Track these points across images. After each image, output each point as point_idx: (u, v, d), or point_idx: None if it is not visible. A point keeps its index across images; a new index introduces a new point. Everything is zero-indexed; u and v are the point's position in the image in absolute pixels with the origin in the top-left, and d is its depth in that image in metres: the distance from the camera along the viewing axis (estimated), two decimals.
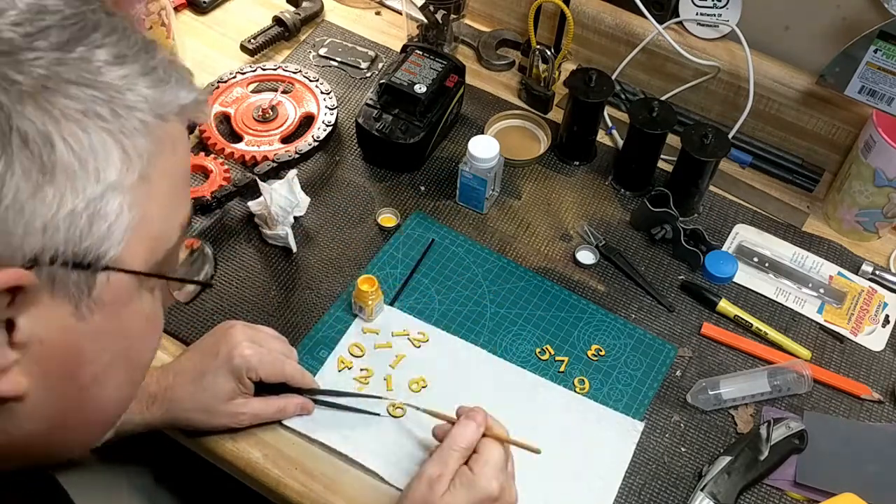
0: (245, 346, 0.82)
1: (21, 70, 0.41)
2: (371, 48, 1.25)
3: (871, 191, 1.02)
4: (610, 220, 1.08)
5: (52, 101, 0.42)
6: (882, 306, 1.01)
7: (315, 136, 1.10)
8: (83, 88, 0.43)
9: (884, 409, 0.92)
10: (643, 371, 0.93)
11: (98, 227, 0.44)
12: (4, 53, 0.41)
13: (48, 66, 0.42)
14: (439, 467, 0.73)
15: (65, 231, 0.42)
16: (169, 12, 1.14)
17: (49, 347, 0.45)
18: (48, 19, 0.43)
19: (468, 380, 0.91)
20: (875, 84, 0.97)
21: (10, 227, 0.41)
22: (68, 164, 0.42)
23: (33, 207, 0.41)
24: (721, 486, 0.83)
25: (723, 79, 1.12)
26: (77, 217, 0.43)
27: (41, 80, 0.41)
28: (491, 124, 1.16)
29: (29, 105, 0.41)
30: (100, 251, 0.44)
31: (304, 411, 0.86)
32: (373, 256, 1.01)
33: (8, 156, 0.40)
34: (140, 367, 0.54)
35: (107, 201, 0.44)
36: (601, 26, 1.18)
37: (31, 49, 0.42)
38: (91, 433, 0.54)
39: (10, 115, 0.40)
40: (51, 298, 0.44)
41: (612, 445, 0.88)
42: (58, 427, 0.49)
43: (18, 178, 0.40)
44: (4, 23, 0.42)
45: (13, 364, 0.44)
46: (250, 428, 0.85)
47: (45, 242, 0.42)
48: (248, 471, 0.84)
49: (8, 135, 0.40)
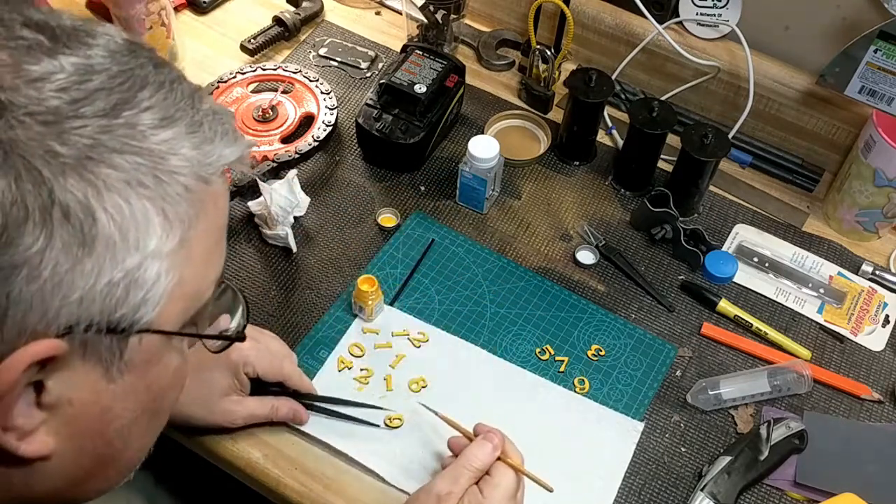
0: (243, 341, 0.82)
1: (65, 141, 0.40)
2: (371, 48, 1.25)
3: (871, 191, 1.02)
4: (610, 220, 1.08)
5: (95, 171, 0.41)
6: (882, 306, 1.01)
7: (315, 136, 1.10)
8: (127, 157, 0.42)
9: (884, 409, 0.92)
10: (643, 371, 0.93)
11: (135, 295, 0.43)
12: (49, 123, 0.40)
13: (93, 134, 0.41)
14: (450, 485, 0.72)
15: (101, 302, 0.42)
16: (169, 12, 1.14)
17: (78, 408, 0.44)
18: (95, 80, 0.42)
19: (468, 380, 0.91)
20: (875, 84, 0.97)
21: (47, 300, 0.40)
22: (109, 236, 0.41)
23: (72, 280, 0.40)
24: (721, 486, 0.83)
25: (723, 79, 1.12)
26: (115, 287, 0.42)
27: (85, 151, 0.41)
28: (491, 124, 1.16)
29: (71, 178, 0.40)
30: (134, 317, 0.44)
31: (296, 418, 0.85)
32: (373, 256, 1.01)
33: (48, 230, 0.39)
34: (163, 415, 0.53)
35: (145, 269, 0.43)
36: (601, 26, 1.18)
37: (77, 117, 0.41)
38: (111, 481, 0.53)
39: (52, 189, 0.39)
40: (82, 363, 0.43)
41: (612, 445, 0.88)
42: (79, 481, 0.49)
43: (58, 252, 0.40)
44: (51, 88, 0.41)
45: (40, 425, 0.44)
46: (250, 428, 0.85)
47: (80, 314, 0.41)
48: (248, 471, 0.84)
49: (49, 209, 0.39)
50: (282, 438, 0.86)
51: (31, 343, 0.40)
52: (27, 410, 0.43)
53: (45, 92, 0.41)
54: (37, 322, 0.40)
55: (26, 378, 0.41)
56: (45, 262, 0.40)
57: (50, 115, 0.40)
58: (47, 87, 0.41)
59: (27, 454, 0.43)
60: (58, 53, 0.42)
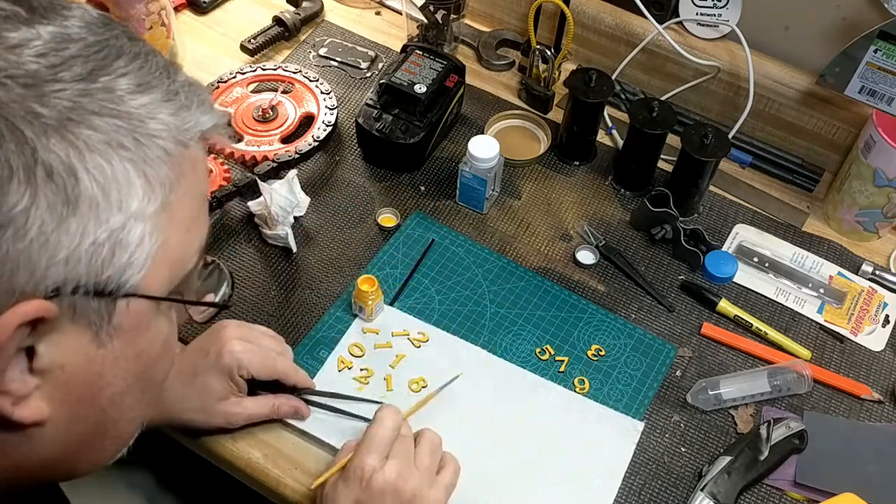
0: (234, 343, 0.82)
1: (45, 103, 0.41)
2: (371, 48, 1.25)
3: (871, 191, 1.02)
4: (610, 220, 1.08)
5: (76, 132, 0.42)
6: (882, 306, 1.01)
7: (315, 136, 1.10)
8: (106, 119, 0.43)
9: (884, 409, 0.92)
10: (643, 371, 0.93)
11: (120, 257, 0.44)
12: (29, 86, 0.41)
13: (72, 97, 0.42)
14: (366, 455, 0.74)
15: (87, 262, 0.42)
16: (169, 12, 1.14)
17: (69, 373, 0.45)
18: (72, 48, 0.43)
19: (468, 379, 0.91)
20: (875, 84, 0.97)
21: (34, 259, 0.41)
22: (92, 196, 0.42)
23: (57, 240, 0.41)
24: (721, 486, 0.83)
25: (723, 79, 1.12)
26: (100, 247, 0.43)
27: (66, 113, 0.42)
28: (491, 124, 1.16)
29: (53, 138, 0.41)
30: (121, 280, 0.44)
31: (298, 415, 0.85)
32: (373, 256, 1.01)
33: (33, 189, 0.40)
34: (155, 387, 0.54)
35: (129, 230, 0.44)
36: (601, 26, 1.18)
37: (56, 80, 0.42)
38: (106, 452, 0.54)
39: (35, 148, 0.40)
40: (71, 326, 0.44)
41: (612, 445, 0.88)
42: (74, 449, 0.50)
43: (43, 210, 0.41)
44: (29, 54, 0.42)
45: (34, 390, 0.44)
46: (250, 428, 0.85)
47: (67, 273, 0.42)
48: (248, 471, 0.84)
49: (33, 168, 0.40)
50: (282, 438, 0.86)
51: (21, 303, 0.41)
52: (20, 376, 0.43)
53: (24, 56, 0.42)
54: (25, 282, 0.41)
55: (17, 340, 0.42)
56: (31, 221, 0.40)
57: (29, 78, 0.41)
58: (26, 53, 0.42)
59: (22, 419, 0.44)
60: (35, 23, 0.43)
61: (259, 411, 0.84)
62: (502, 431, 0.87)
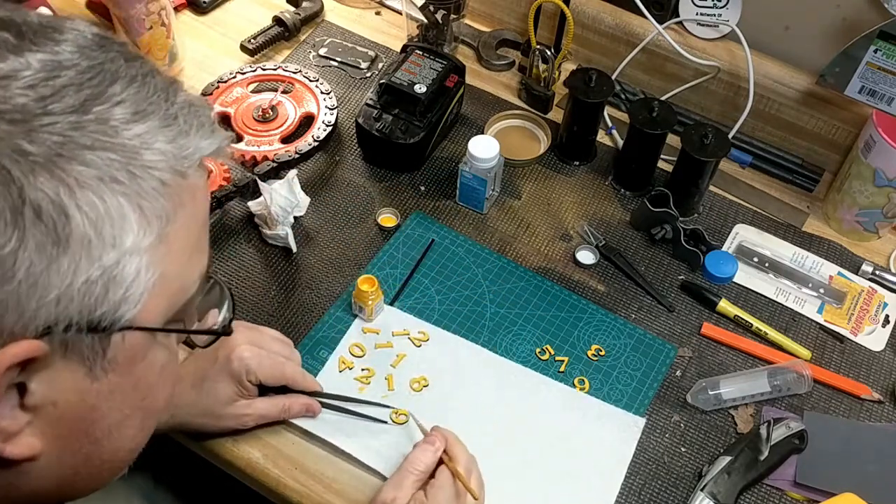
0: (243, 348, 0.81)
1: (34, 139, 0.39)
2: (371, 48, 1.25)
3: (871, 191, 1.02)
4: (610, 220, 1.08)
5: (66, 168, 0.40)
6: (882, 306, 1.01)
7: (315, 136, 1.10)
8: (99, 153, 0.41)
9: (884, 409, 0.92)
10: (643, 371, 0.93)
11: (114, 293, 0.42)
12: (17, 122, 0.39)
13: (63, 131, 0.40)
14: (394, 490, 0.74)
15: (80, 300, 0.41)
16: (169, 12, 1.14)
17: (62, 409, 0.44)
18: (63, 76, 0.42)
19: (469, 378, 0.91)
20: (875, 84, 0.97)
21: (23, 301, 0.40)
22: (83, 234, 0.40)
23: (47, 280, 0.40)
24: (721, 486, 0.83)
25: (723, 79, 1.12)
26: (93, 285, 0.41)
27: (56, 149, 0.40)
28: (491, 124, 1.16)
29: (42, 176, 0.39)
30: (116, 315, 0.43)
31: (309, 412, 0.85)
32: (373, 256, 1.01)
33: (20, 231, 0.39)
34: (154, 414, 0.52)
35: (123, 266, 0.42)
36: (601, 26, 1.18)
37: (46, 114, 0.40)
38: (101, 480, 0.52)
39: (22, 187, 0.39)
40: (64, 362, 0.43)
41: (613, 443, 0.88)
42: (70, 480, 0.49)
43: (31, 252, 0.39)
44: (18, 86, 0.40)
45: (25, 426, 0.43)
46: (253, 428, 0.85)
47: (58, 313, 0.41)
48: (248, 471, 0.84)
49: (20, 209, 0.39)
50: (282, 438, 0.86)
51: (10, 345, 0.40)
52: (11, 413, 0.42)
53: (11, 90, 0.40)
54: (13, 324, 0.40)
55: (7, 380, 0.41)
56: (19, 263, 0.39)
57: (17, 113, 0.40)
58: (14, 85, 0.40)
59: (13, 456, 0.43)
60: (24, 50, 0.41)
61: (270, 412, 0.84)
62: (503, 430, 0.88)
